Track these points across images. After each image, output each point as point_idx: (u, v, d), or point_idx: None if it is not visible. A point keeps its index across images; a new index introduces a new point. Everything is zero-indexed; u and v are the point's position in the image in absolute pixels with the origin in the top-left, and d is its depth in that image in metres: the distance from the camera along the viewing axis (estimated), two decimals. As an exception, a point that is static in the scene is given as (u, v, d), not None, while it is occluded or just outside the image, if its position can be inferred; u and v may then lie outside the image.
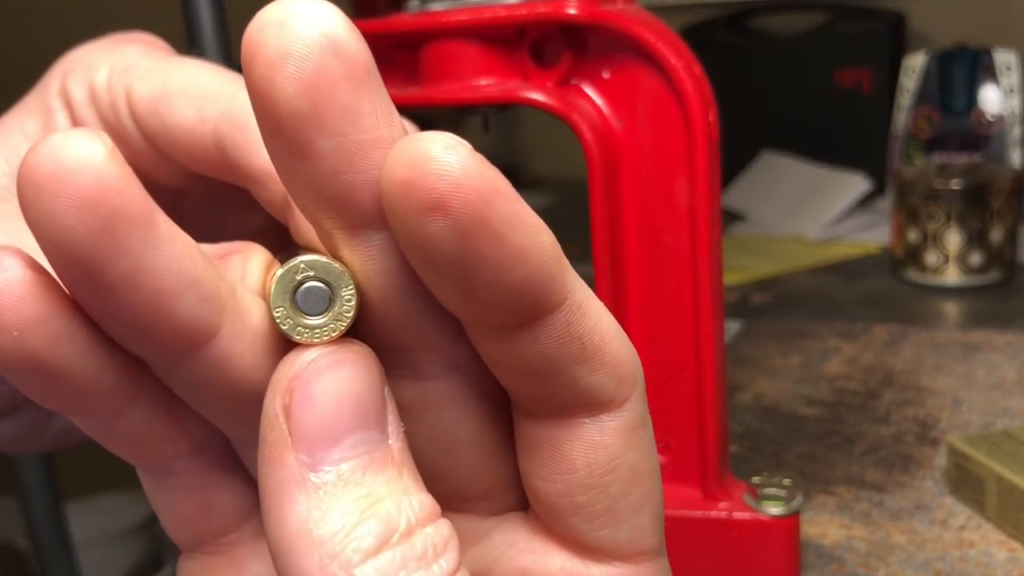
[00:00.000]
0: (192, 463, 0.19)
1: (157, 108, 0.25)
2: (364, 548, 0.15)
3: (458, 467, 0.19)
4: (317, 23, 0.14)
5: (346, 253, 0.17)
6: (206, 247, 0.22)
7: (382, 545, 0.15)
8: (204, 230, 0.26)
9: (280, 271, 0.17)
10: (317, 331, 0.16)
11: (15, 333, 0.15)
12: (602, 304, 0.18)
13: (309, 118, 0.15)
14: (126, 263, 0.15)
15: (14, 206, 0.25)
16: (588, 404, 0.18)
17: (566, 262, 0.17)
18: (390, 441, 0.16)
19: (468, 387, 0.18)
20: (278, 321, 0.16)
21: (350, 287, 0.17)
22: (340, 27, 0.15)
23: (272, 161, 0.16)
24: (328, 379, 0.16)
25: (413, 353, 0.18)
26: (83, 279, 0.15)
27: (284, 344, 0.17)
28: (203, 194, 0.29)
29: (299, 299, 0.17)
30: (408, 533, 0.15)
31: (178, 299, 0.15)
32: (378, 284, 0.17)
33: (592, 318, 0.17)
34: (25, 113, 0.26)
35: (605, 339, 0.17)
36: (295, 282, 0.17)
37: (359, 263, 0.17)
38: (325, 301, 0.17)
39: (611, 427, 0.18)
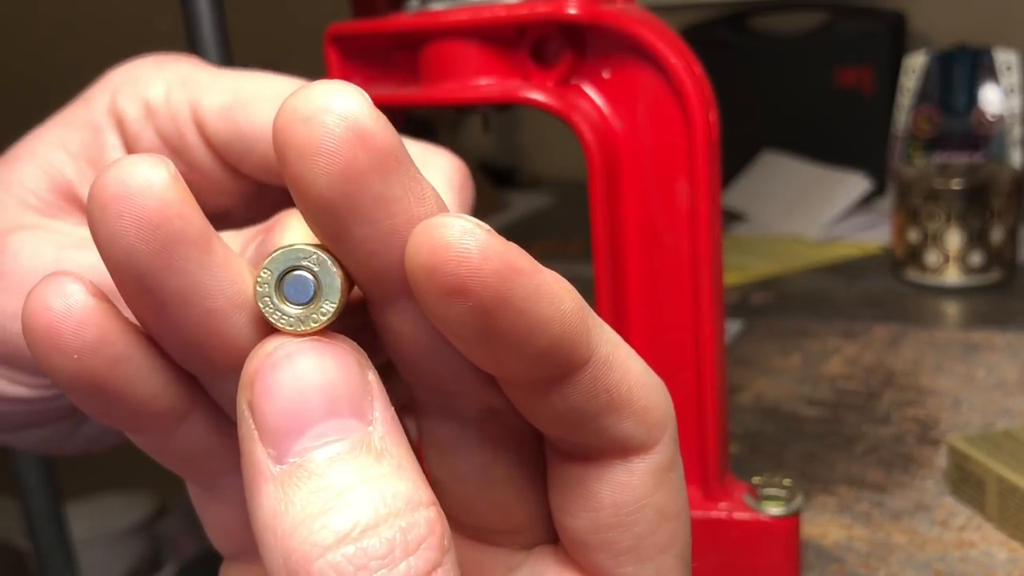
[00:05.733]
0: (239, 478, 0.19)
1: (232, 115, 0.25)
2: (322, 542, 0.14)
3: (491, 502, 0.20)
4: (343, 115, 0.15)
5: (382, 315, 0.17)
6: (251, 229, 0.22)
7: (343, 539, 0.15)
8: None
9: (276, 252, 0.16)
10: (287, 319, 0.16)
11: (75, 356, 0.16)
12: (631, 351, 0.18)
13: (342, 208, 0.15)
14: (181, 282, 0.15)
15: (60, 222, 0.25)
16: (618, 449, 0.18)
17: (592, 319, 0.17)
18: (370, 428, 0.16)
19: (503, 428, 0.19)
20: (258, 297, 0.16)
21: (335, 293, 0.16)
22: (366, 116, 0.15)
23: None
24: (287, 370, 0.16)
25: (450, 396, 0.18)
26: (141, 295, 0.16)
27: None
28: (248, 220, 0.29)
29: (285, 285, 0.16)
30: (373, 526, 0.15)
31: (228, 319, 0.16)
32: (415, 340, 0.17)
33: (619, 370, 0.18)
34: (67, 128, 0.26)
35: (633, 388, 0.18)
36: (288, 266, 0.16)
37: (396, 324, 0.17)
38: (308, 294, 0.16)
39: (640, 469, 0.18)
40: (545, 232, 1.11)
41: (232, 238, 0.24)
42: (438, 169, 0.26)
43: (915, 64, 1.02)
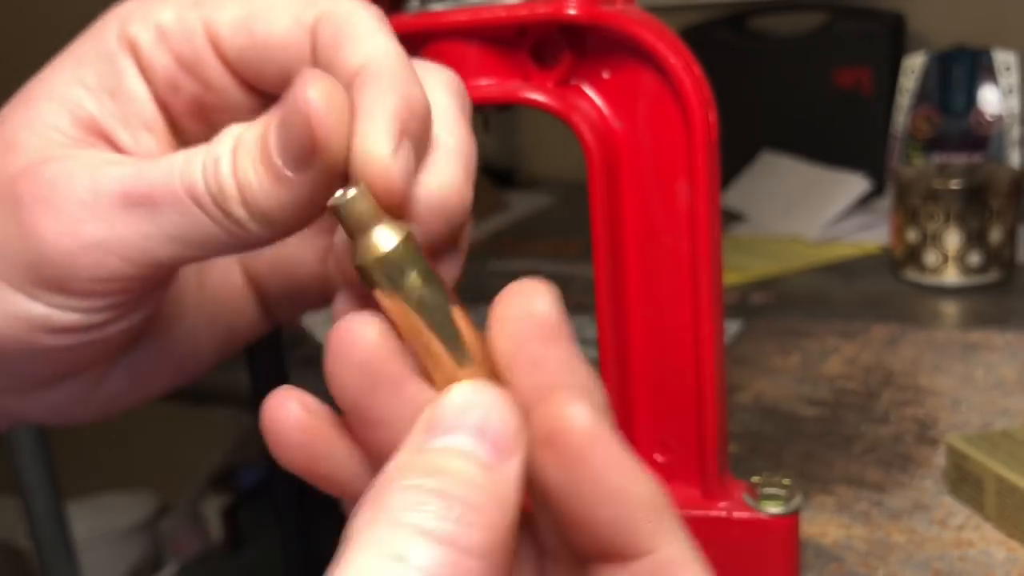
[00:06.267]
0: None
1: (248, 25, 0.25)
2: (407, 492, 0.18)
3: None
4: (529, 303, 0.22)
5: None
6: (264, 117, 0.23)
7: (419, 487, 0.18)
8: None
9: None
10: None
11: (291, 451, 0.23)
12: (706, 571, 0.21)
13: (510, 361, 0.22)
14: (382, 410, 0.21)
15: (89, 153, 0.25)
16: None
17: (668, 519, 0.20)
18: (498, 464, 0.19)
19: None
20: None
21: None
22: (546, 304, 0.22)
23: None
24: (467, 391, 0.20)
25: (556, 543, 0.22)
26: (355, 415, 0.22)
27: None
28: None
29: None
30: (441, 494, 0.18)
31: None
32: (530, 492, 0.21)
33: None
34: (80, 63, 0.26)
35: None
36: None
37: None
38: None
39: None
40: (545, 232, 1.11)
41: (247, 127, 0.24)
42: (438, 81, 0.26)
43: (914, 64, 1.03)
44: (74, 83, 0.25)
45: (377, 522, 0.18)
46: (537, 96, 0.35)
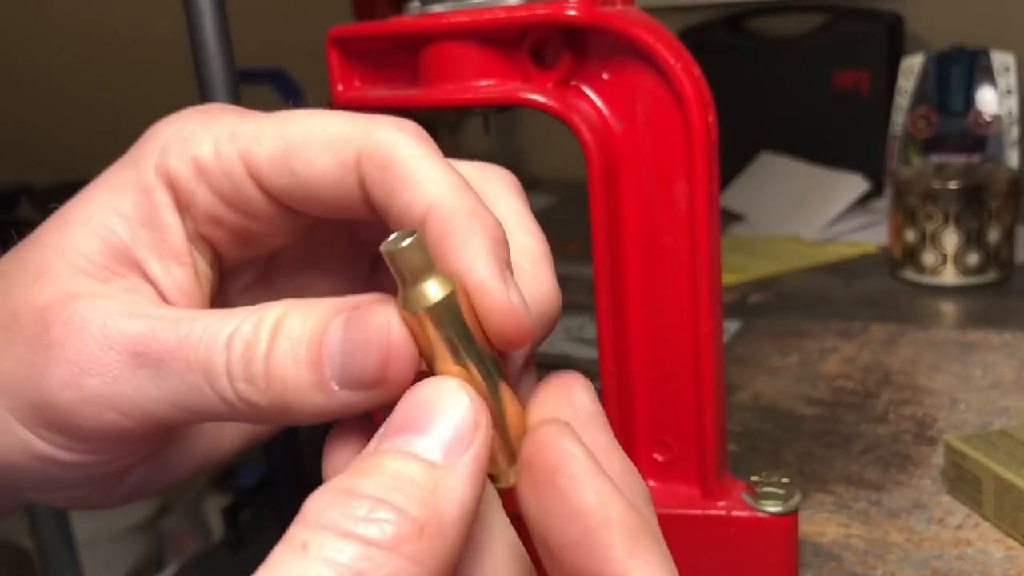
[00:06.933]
0: None
1: (287, 164, 0.24)
2: (348, 500, 0.19)
3: None
4: (568, 394, 0.23)
5: None
6: (346, 299, 0.23)
7: (354, 495, 0.19)
8: (292, 293, 0.25)
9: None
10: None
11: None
12: None
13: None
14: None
15: (115, 285, 0.25)
16: None
17: (646, 546, 0.19)
18: (440, 469, 0.20)
19: None
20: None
21: None
22: (585, 395, 0.23)
23: None
24: (428, 388, 0.21)
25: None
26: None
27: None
28: (299, 257, 0.29)
29: None
30: (377, 495, 0.19)
31: None
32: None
33: None
34: (118, 191, 0.25)
35: None
36: None
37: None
38: None
39: None
40: (545, 232, 1.11)
41: (315, 305, 0.23)
42: (500, 182, 0.28)
43: (912, 65, 1.03)
44: (109, 210, 0.25)
45: (296, 523, 0.19)
46: (537, 97, 0.35)
